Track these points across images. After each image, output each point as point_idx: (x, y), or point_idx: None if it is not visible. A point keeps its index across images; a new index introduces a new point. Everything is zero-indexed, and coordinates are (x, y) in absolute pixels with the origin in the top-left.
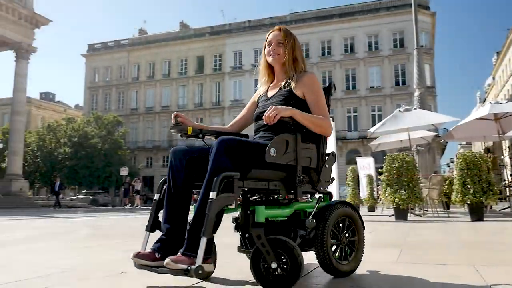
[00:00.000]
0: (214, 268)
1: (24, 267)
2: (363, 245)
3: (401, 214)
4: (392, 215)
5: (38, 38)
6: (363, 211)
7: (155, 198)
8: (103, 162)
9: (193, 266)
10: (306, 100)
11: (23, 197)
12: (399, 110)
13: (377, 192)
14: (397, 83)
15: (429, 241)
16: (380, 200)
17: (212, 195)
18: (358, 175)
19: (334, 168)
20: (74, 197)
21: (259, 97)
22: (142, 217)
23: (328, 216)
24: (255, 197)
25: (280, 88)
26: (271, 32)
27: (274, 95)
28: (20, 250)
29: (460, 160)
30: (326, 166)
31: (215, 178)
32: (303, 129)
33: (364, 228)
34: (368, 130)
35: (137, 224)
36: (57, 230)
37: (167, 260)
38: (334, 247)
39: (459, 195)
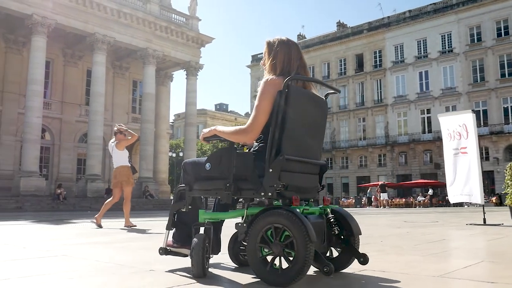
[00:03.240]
0: None
1: (87, 261)
2: (304, 260)
3: None
4: None
5: (215, 55)
6: None
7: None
8: None
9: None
10: None
11: None
12: None
13: None
14: None
15: None
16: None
17: (172, 202)
18: None
19: (476, 169)
20: None
21: None
22: None
23: (254, 222)
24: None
25: None
26: None
27: None
28: (116, 246)
29: None
30: (270, 170)
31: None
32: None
33: (310, 242)
34: None
35: None
36: None
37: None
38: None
39: None
